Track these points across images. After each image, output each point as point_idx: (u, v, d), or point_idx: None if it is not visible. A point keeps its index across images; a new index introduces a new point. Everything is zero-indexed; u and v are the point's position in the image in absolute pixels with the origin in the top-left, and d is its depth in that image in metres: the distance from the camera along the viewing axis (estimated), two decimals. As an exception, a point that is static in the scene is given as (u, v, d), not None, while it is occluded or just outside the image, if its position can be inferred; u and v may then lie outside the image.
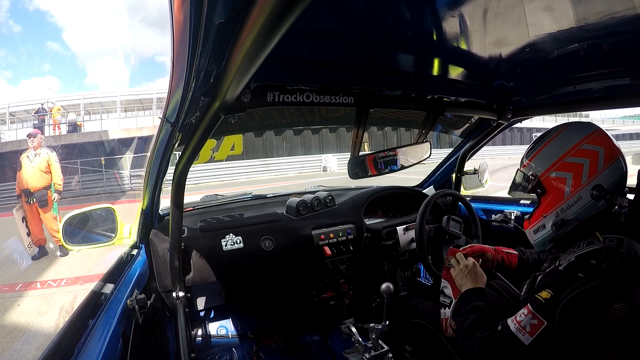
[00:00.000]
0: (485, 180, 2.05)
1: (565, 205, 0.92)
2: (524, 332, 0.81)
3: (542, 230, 0.97)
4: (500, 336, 0.84)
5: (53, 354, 0.74)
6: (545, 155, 0.96)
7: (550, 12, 0.83)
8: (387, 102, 1.24)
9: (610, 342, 0.77)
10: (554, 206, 0.94)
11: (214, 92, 0.77)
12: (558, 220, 0.93)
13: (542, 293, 0.82)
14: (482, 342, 0.86)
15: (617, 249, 0.80)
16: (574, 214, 0.91)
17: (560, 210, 0.93)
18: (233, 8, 0.48)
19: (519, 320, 0.82)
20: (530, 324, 0.80)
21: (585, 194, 0.89)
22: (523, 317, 0.82)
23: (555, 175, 0.93)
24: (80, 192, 12.28)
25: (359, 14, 0.84)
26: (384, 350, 1.04)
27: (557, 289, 0.80)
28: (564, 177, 0.92)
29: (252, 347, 1.63)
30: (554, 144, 0.95)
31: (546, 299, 0.81)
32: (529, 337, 0.80)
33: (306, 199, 1.70)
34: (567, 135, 0.95)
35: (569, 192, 0.91)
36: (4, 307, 3.40)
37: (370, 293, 1.81)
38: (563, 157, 0.92)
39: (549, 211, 0.95)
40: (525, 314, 0.82)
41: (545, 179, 0.95)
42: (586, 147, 0.90)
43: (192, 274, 1.37)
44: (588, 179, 0.89)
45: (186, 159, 1.03)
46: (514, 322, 0.83)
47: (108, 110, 17.21)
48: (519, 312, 0.84)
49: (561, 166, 0.92)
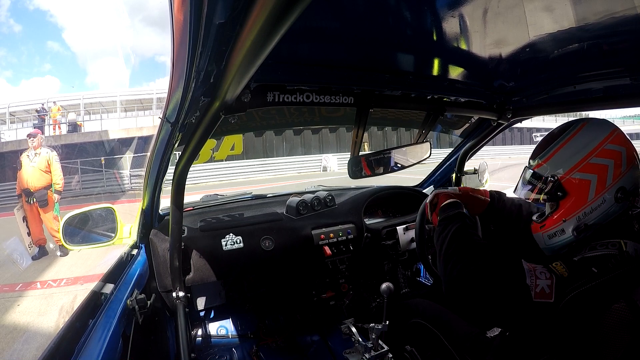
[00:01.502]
0: (485, 180, 2.05)
1: (589, 209, 0.85)
2: (534, 288, 0.77)
3: (561, 236, 0.90)
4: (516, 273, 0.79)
5: (53, 354, 0.74)
6: (565, 155, 0.88)
7: (550, 12, 0.83)
8: (387, 102, 1.24)
9: (610, 342, 0.77)
10: (576, 210, 0.86)
11: (214, 92, 0.77)
12: (581, 225, 0.86)
13: (559, 266, 0.79)
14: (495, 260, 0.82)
15: (626, 252, 0.79)
16: (596, 218, 0.85)
17: (583, 215, 0.86)
18: (233, 8, 0.48)
19: (537, 276, 0.78)
20: (543, 288, 0.77)
21: (609, 197, 0.83)
22: (543, 278, 0.78)
23: (578, 177, 0.86)
24: (80, 192, 12.29)
25: (359, 14, 0.83)
26: (384, 350, 1.04)
27: (572, 274, 0.77)
28: (588, 179, 0.84)
29: (252, 347, 1.63)
30: (575, 143, 0.88)
31: (563, 277, 0.77)
32: (534, 297, 0.77)
33: (306, 198, 1.70)
34: (588, 133, 0.87)
35: (593, 195, 0.84)
36: (4, 307, 3.40)
37: (370, 293, 1.81)
38: (587, 158, 0.85)
39: (570, 215, 0.87)
40: (547, 277, 0.78)
41: (566, 181, 0.87)
42: (610, 147, 0.84)
43: (192, 274, 1.37)
44: (613, 180, 0.83)
45: (186, 159, 1.03)
46: (532, 276, 0.78)
47: (108, 110, 17.22)
48: (538, 267, 0.80)
49: (585, 167, 0.85)
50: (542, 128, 22.56)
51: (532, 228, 0.99)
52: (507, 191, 1.29)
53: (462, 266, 0.85)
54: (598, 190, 0.84)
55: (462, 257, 0.87)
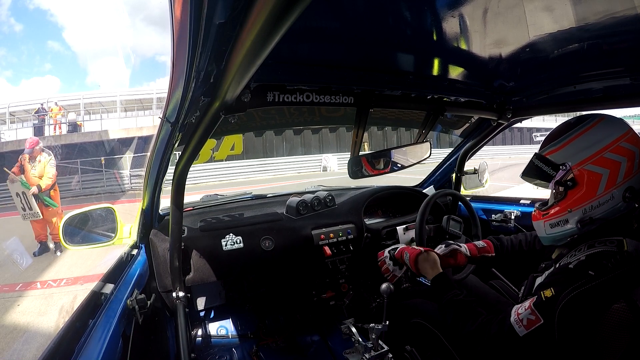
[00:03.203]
0: (485, 180, 2.06)
1: (596, 202, 0.85)
2: (520, 324, 0.82)
3: (563, 226, 0.91)
4: (500, 326, 0.85)
5: (53, 354, 0.74)
6: (581, 145, 0.88)
7: (550, 12, 0.83)
8: (387, 102, 1.24)
9: (610, 342, 0.77)
10: (584, 202, 0.87)
11: (214, 92, 0.77)
12: (586, 217, 0.86)
13: (546, 291, 0.82)
14: (481, 329, 0.88)
15: (626, 251, 0.80)
16: (602, 213, 0.85)
17: (590, 208, 0.86)
18: (233, 8, 0.48)
19: (519, 313, 0.83)
20: (528, 318, 0.81)
21: (618, 194, 0.84)
22: (523, 310, 0.83)
23: (591, 169, 0.86)
24: (80, 192, 12.28)
25: (359, 14, 0.83)
26: (384, 350, 1.04)
27: (561, 287, 0.80)
28: (600, 172, 0.85)
29: (252, 347, 1.63)
30: (591, 136, 0.87)
31: (547, 297, 0.80)
32: (524, 330, 0.81)
33: (306, 198, 1.70)
34: (604, 128, 0.88)
35: (602, 190, 0.84)
36: (4, 307, 3.40)
37: (370, 293, 1.81)
38: (602, 151, 0.85)
39: (576, 206, 0.88)
40: (526, 307, 0.83)
41: (579, 171, 0.87)
42: (625, 145, 0.84)
43: (192, 274, 1.37)
44: (623, 179, 0.84)
45: (186, 159, 1.03)
46: (515, 314, 0.84)
47: (108, 110, 17.22)
48: (522, 305, 0.85)
49: (599, 160, 0.85)
50: (542, 128, 22.56)
51: (533, 216, 1.00)
52: (507, 191, 1.30)
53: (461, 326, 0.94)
54: (608, 186, 0.84)
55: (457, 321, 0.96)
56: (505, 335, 0.84)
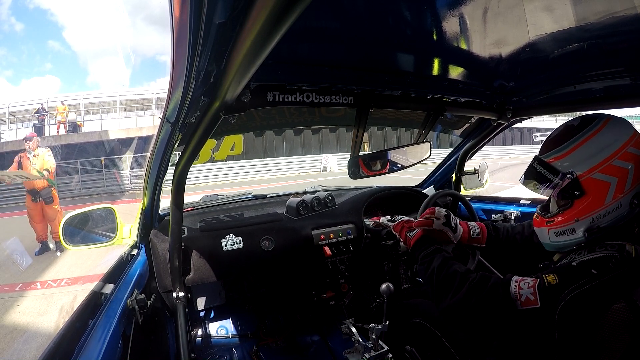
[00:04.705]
0: (485, 180, 2.05)
1: (604, 211, 0.82)
2: (518, 299, 0.80)
3: (569, 235, 0.87)
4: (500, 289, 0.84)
5: (53, 354, 0.74)
6: (587, 152, 0.84)
7: (550, 12, 0.83)
8: (387, 102, 1.24)
9: (610, 342, 0.77)
10: (591, 211, 0.84)
11: (214, 92, 0.77)
12: (594, 227, 0.83)
13: (549, 276, 0.79)
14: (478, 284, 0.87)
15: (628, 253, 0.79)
16: (609, 221, 0.83)
17: (597, 217, 0.83)
18: (233, 8, 0.48)
19: (521, 287, 0.81)
20: (527, 297, 0.80)
21: (625, 202, 0.81)
22: (525, 287, 0.81)
23: (598, 178, 0.82)
24: (80, 192, 12.28)
25: (359, 14, 0.83)
26: (384, 350, 1.04)
27: (564, 280, 0.78)
28: (609, 181, 0.81)
29: (252, 347, 1.63)
30: (597, 141, 0.84)
31: (551, 284, 0.78)
32: (520, 306, 0.80)
33: (306, 199, 1.70)
34: (611, 132, 0.84)
35: (610, 199, 0.82)
36: (4, 307, 3.40)
37: (370, 293, 1.81)
38: (610, 159, 0.82)
39: (584, 215, 0.84)
40: (530, 285, 0.81)
41: (585, 180, 0.83)
42: (632, 150, 0.81)
43: (192, 274, 1.37)
44: (632, 185, 0.81)
45: (186, 159, 1.03)
46: (516, 285, 0.82)
47: (108, 110, 17.22)
48: (525, 279, 0.83)
49: (607, 168, 0.82)
50: (542, 128, 22.57)
51: (535, 222, 0.98)
52: (506, 191, 1.30)
53: (451, 295, 0.89)
54: (616, 194, 0.82)
55: (449, 289, 0.91)
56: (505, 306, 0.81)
